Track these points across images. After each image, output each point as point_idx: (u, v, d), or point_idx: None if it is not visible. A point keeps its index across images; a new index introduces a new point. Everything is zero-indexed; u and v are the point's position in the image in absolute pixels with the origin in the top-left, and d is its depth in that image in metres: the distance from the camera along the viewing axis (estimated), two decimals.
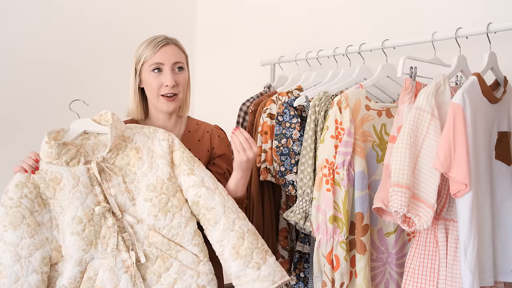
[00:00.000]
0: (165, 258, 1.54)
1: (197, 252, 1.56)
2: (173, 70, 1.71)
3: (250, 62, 2.76)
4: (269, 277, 1.53)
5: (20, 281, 1.43)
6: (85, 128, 1.61)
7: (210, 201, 1.57)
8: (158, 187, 1.56)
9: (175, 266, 1.54)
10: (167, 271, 1.54)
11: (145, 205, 1.55)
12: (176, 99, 1.73)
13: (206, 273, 1.57)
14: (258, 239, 1.57)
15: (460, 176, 1.36)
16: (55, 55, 2.52)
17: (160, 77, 1.70)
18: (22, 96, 2.41)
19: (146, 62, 1.71)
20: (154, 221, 1.55)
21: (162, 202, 1.55)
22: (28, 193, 1.47)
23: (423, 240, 1.51)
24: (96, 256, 1.50)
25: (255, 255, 1.54)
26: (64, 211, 1.49)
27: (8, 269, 1.43)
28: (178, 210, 1.57)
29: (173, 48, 1.72)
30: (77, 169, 1.52)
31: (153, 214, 1.55)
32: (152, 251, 1.54)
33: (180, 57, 1.73)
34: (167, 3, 3.02)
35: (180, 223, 1.56)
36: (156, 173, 1.58)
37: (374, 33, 2.19)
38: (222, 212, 1.56)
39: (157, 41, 1.71)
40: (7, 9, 2.37)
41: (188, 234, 1.56)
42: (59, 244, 1.50)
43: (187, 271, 1.55)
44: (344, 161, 1.62)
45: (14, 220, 1.44)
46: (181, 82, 1.72)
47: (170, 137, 1.64)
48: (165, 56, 1.69)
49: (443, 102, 1.48)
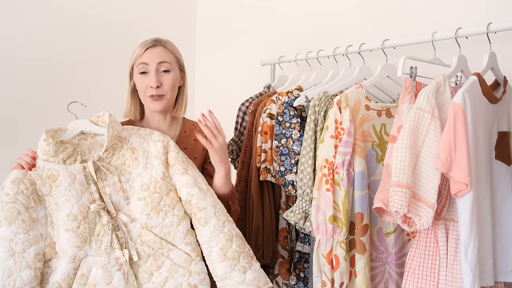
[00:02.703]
0: (157, 256, 1.56)
1: (189, 251, 1.58)
2: (158, 71, 1.72)
3: (250, 62, 2.76)
4: (254, 281, 1.55)
5: (13, 276, 1.44)
6: (83, 128, 1.63)
7: (202, 201, 1.59)
8: (152, 186, 1.59)
9: (167, 265, 1.56)
10: (158, 269, 1.56)
11: (138, 204, 1.58)
12: (162, 99, 1.74)
13: (198, 272, 1.57)
14: (245, 243, 1.60)
15: (460, 176, 1.36)
16: (55, 54, 2.52)
17: (146, 78, 1.72)
18: (22, 95, 2.41)
19: (135, 63, 1.75)
20: (146, 220, 1.57)
21: (154, 201, 1.57)
22: (24, 189, 1.49)
23: (423, 240, 1.51)
24: (90, 253, 1.52)
25: (242, 259, 1.56)
26: (60, 208, 1.51)
27: (1, 264, 1.44)
28: (170, 209, 1.58)
29: (159, 49, 1.74)
30: (74, 167, 1.55)
31: (145, 213, 1.57)
32: (144, 250, 1.56)
33: (167, 57, 1.74)
34: (167, 3, 3.02)
35: (172, 222, 1.58)
36: (150, 173, 1.60)
37: (374, 33, 2.19)
38: (213, 213, 1.58)
39: (145, 43, 1.74)
40: (7, 9, 2.37)
41: (180, 233, 1.58)
42: (53, 240, 1.51)
43: (179, 270, 1.56)
44: (344, 161, 1.62)
45: (10, 215, 1.46)
46: (167, 83, 1.73)
47: (166, 139, 1.67)
48: (151, 57, 1.71)
49: (443, 102, 1.48)
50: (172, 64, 1.76)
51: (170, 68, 1.74)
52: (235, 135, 2.22)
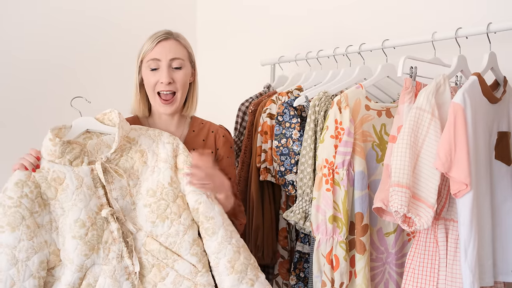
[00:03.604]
0: (161, 267, 1.48)
1: (195, 262, 1.49)
2: (170, 67, 1.62)
3: (250, 62, 2.76)
4: None
5: (16, 286, 1.34)
6: (88, 127, 1.53)
7: (210, 210, 1.52)
8: (158, 193, 1.50)
9: (171, 276, 1.47)
10: (162, 280, 1.47)
11: (143, 210, 1.49)
12: (173, 101, 1.64)
13: (203, 285, 1.49)
14: (250, 255, 1.54)
15: (460, 176, 1.35)
16: (54, 56, 2.51)
17: (156, 74, 1.62)
18: (20, 96, 2.40)
19: (144, 57, 1.63)
20: (151, 228, 1.49)
21: (160, 208, 1.49)
22: (28, 193, 1.38)
23: (423, 240, 1.51)
24: (97, 262, 1.44)
25: (249, 271, 1.49)
26: (66, 213, 1.41)
27: (4, 273, 1.34)
28: (176, 217, 1.50)
29: (172, 43, 1.63)
30: (81, 170, 1.44)
31: (150, 221, 1.49)
32: (148, 259, 1.48)
33: (180, 53, 1.64)
34: (167, 3, 3.02)
35: (178, 231, 1.49)
36: (157, 178, 1.52)
37: (374, 33, 2.19)
38: (221, 223, 1.51)
39: (156, 36, 1.63)
40: (6, 11, 2.36)
41: (186, 243, 1.49)
42: (57, 247, 1.42)
43: (184, 282, 1.48)
44: (343, 161, 1.62)
45: (13, 221, 1.35)
46: (179, 79, 1.63)
47: (175, 141, 1.58)
48: (163, 51, 1.61)
49: (443, 102, 1.48)
50: (185, 60, 1.65)
51: (182, 65, 1.64)
52: (235, 135, 2.22)
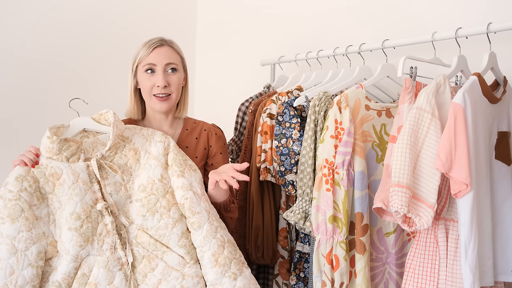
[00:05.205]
0: (151, 258, 1.56)
1: (183, 254, 1.57)
2: (165, 71, 1.73)
3: (250, 62, 2.76)
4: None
5: (15, 274, 1.44)
6: (85, 126, 1.63)
7: (196, 205, 1.59)
8: (148, 188, 1.60)
9: (160, 267, 1.56)
10: (152, 271, 1.55)
11: (135, 205, 1.59)
12: (168, 99, 1.75)
13: (191, 276, 1.57)
14: (236, 250, 1.61)
15: (461, 176, 1.36)
16: (55, 55, 2.51)
17: (152, 78, 1.73)
18: (21, 95, 2.41)
19: (140, 63, 1.75)
20: (142, 221, 1.57)
21: (150, 202, 1.58)
22: (27, 187, 1.49)
23: (423, 240, 1.51)
24: (92, 252, 1.52)
25: (233, 265, 1.56)
26: (63, 206, 1.51)
27: (4, 262, 1.44)
28: (166, 211, 1.59)
29: (166, 49, 1.75)
30: (77, 166, 1.55)
31: (141, 214, 1.58)
32: (139, 251, 1.56)
33: (174, 58, 1.75)
34: (167, 3, 3.02)
35: (167, 224, 1.58)
36: (148, 174, 1.61)
37: (374, 33, 2.19)
38: (206, 218, 1.59)
39: (151, 43, 1.74)
40: (7, 9, 2.36)
41: (175, 235, 1.58)
42: (55, 239, 1.51)
43: (172, 272, 1.56)
44: (344, 161, 1.62)
45: (13, 213, 1.45)
46: (174, 83, 1.74)
47: (167, 140, 1.68)
48: (158, 57, 1.72)
49: (443, 102, 1.48)
50: (178, 65, 1.77)
51: (176, 69, 1.76)
52: (235, 135, 2.22)
